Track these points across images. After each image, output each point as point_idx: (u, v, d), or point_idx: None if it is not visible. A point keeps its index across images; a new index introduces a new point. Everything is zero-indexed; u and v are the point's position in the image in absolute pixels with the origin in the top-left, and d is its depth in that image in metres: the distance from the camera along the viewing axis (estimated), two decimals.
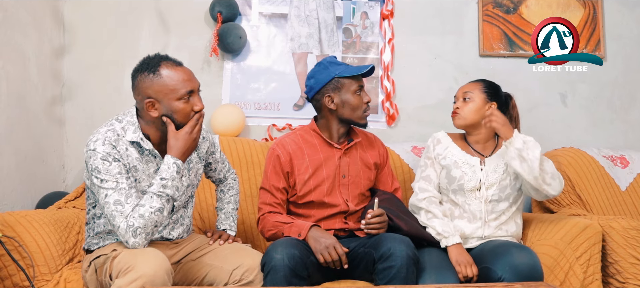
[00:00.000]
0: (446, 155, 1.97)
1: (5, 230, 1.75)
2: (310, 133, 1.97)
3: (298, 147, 1.93)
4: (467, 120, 1.95)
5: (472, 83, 2.00)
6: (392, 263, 1.59)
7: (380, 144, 2.09)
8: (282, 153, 1.91)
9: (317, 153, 1.92)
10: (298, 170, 1.90)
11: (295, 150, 1.92)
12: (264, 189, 1.93)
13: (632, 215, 2.41)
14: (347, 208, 1.90)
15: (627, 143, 2.85)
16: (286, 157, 1.90)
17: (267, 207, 1.90)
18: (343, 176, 1.92)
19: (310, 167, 1.90)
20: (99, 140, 1.55)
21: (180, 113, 1.59)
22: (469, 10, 2.89)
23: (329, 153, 1.93)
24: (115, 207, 1.50)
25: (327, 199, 1.89)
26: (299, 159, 1.91)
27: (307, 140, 1.95)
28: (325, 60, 1.95)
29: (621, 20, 2.92)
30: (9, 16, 2.25)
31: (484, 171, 1.91)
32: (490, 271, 1.69)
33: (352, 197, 1.92)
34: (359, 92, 1.90)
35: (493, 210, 1.90)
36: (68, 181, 2.68)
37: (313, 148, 1.93)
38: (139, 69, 1.60)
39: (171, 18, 2.77)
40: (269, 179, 1.91)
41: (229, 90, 2.78)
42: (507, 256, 1.68)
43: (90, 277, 1.63)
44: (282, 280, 1.56)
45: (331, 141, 1.94)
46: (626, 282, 1.92)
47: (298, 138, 1.96)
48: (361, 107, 1.91)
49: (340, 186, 1.92)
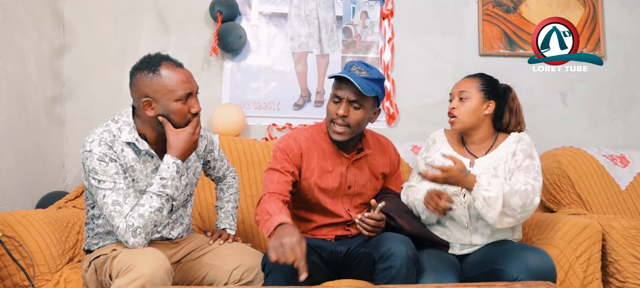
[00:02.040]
0: (435, 159, 1.89)
1: (6, 230, 1.75)
2: (321, 135, 1.88)
3: (308, 146, 1.84)
4: (465, 124, 1.84)
5: (469, 79, 1.89)
6: (392, 263, 1.58)
7: (392, 150, 2.00)
8: (295, 145, 1.82)
9: (325, 160, 1.84)
10: (307, 166, 1.83)
11: (307, 149, 1.83)
12: (271, 170, 1.78)
13: (632, 214, 2.41)
14: (349, 218, 1.88)
15: (627, 142, 2.85)
16: (298, 150, 1.81)
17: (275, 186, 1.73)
18: (348, 187, 1.87)
19: (317, 171, 1.84)
20: (95, 141, 1.55)
21: (177, 114, 1.58)
22: (469, 9, 2.89)
23: (336, 162, 1.85)
24: (113, 208, 1.50)
25: (330, 207, 1.86)
26: (309, 158, 1.83)
27: (317, 143, 1.86)
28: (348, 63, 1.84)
29: (621, 19, 2.92)
30: (8, 16, 2.25)
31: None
32: (504, 273, 1.63)
33: (354, 207, 1.90)
34: (335, 100, 1.77)
35: (480, 216, 1.75)
36: (68, 181, 2.68)
37: (322, 153, 1.85)
38: (138, 67, 1.60)
39: (171, 18, 2.77)
40: (279, 162, 1.78)
41: (229, 90, 2.78)
42: (521, 258, 1.62)
43: (90, 276, 1.63)
44: (283, 280, 1.56)
45: (340, 150, 1.85)
46: (626, 281, 1.92)
47: (309, 137, 1.86)
48: (332, 117, 1.77)
49: (344, 196, 1.88)
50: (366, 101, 1.76)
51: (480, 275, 1.72)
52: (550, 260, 1.64)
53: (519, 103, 1.91)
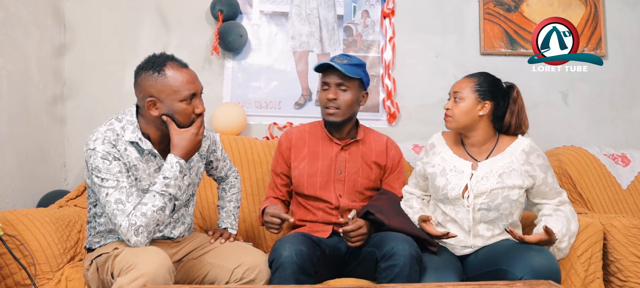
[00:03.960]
0: (435, 162, 1.88)
1: (7, 229, 1.75)
2: (317, 126, 2.05)
3: (301, 137, 2.02)
4: (458, 124, 1.82)
5: (465, 80, 1.86)
6: (394, 262, 1.59)
7: (392, 146, 2.06)
8: (285, 140, 2.03)
9: (317, 145, 1.99)
10: (294, 158, 1.98)
11: (298, 140, 2.01)
12: (271, 172, 2.08)
13: (633, 213, 2.41)
14: (339, 204, 1.90)
15: (628, 141, 2.85)
16: (287, 145, 2.02)
17: (269, 191, 2.06)
18: (339, 171, 1.94)
19: (307, 158, 1.96)
20: (99, 139, 1.55)
21: (182, 114, 1.58)
22: (470, 8, 2.89)
23: (327, 147, 1.98)
24: (116, 206, 1.50)
25: (320, 194, 1.91)
26: (298, 149, 1.99)
27: (313, 133, 2.03)
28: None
29: (622, 18, 2.92)
30: (10, 15, 2.25)
31: (473, 177, 1.79)
32: (508, 273, 1.62)
33: (346, 193, 1.92)
34: (325, 87, 1.94)
35: (482, 220, 1.78)
36: (69, 180, 2.68)
37: (314, 140, 2.00)
38: (143, 66, 1.59)
39: (172, 17, 2.77)
40: (275, 161, 2.06)
41: (230, 89, 2.78)
42: (526, 259, 1.62)
43: (91, 275, 1.63)
44: (290, 277, 1.56)
45: (333, 136, 1.98)
46: (627, 280, 1.92)
47: (305, 129, 2.06)
48: (324, 103, 1.95)
49: (335, 182, 1.93)
50: (352, 83, 1.93)
51: (483, 274, 1.72)
52: (554, 260, 1.63)
53: (522, 103, 1.87)
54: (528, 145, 1.81)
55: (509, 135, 1.87)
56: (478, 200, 1.76)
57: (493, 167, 1.79)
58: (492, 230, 1.79)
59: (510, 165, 1.78)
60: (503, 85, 1.88)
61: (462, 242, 1.81)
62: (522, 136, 1.86)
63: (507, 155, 1.81)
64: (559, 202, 1.84)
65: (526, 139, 1.84)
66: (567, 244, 1.78)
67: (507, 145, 1.83)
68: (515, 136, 1.86)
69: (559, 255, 1.78)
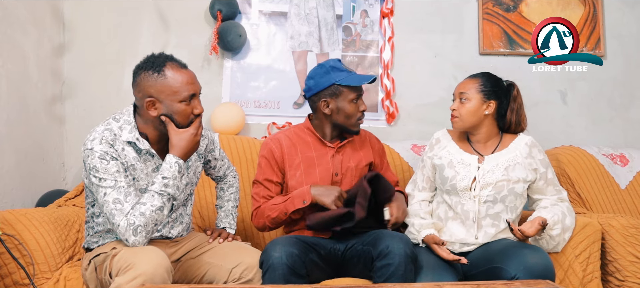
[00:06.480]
0: (442, 155, 1.92)
1: (5, 228, 1.76)
2: (304, 131, 1.99)
3: (291, 143, 1.95)
4: (465, 124, 1.88)
5: (469, 80, 1.92)
6: (389, 261, 1.59)
7: (374, 140, 2.08)
8: (276, 147, 1.93)
9: (310, 151, 1.93)
10: (289, 165, 1.92)
11: (289, 146, 1.94)
12: (257, 182, 1.94)
13: (631, 213, 2.41)
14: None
15: (627, 141, 2.85)
16: (279, 152, 1.92)
17: (262, 200, 1.91)
18: (335, 174, 1.93)
19: (302, 164, 1.91)
20: (96, 139, 1.55)
21: (181, 114, 1.58)
22: (469, 8, 2.89)
23: (321, 151, 1.94)
24: (114, 206, 1.50)
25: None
26: (292, 155, 1.92)
27: (301, 138, 1.97)
28: (328, 63, 1.93)
29: (621, 18, 2.92)
30: (8, 14, 2.25)
31: (480, 170, 1.84)
32: (503, 271, 1.65)
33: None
34: (356, 100, 1.90)
35: (488, 213, 1.82)
36: (68, 179, 2.68)
37: (306, 145, 1.95)
38: (142, 66, 1.59)
39: (171, 16, 2.77)
40: (264, 172, 1.92)
41: (229, 89, 2.78)
42: (520, 257, 1.65)
43: (90, 275, 1.63)
44: (281, 279, 1.56)
45: (324, 140, 1.95)
46: (625, 279, 1.92)
47: (292, 135, 1.98)
48: (356, 115, 1.91)
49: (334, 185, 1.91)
50: None
51: (479, 273, 1.73)
52: (548, 258, 1.66)
53: (521, 101, 1.94)
54: (530, 140, 1.90)
55: (510, 133, 1.94)
56: (484, 192, 1.81)
57: (499, 161, 1.86)
58: (497, 226, 1.83)
59: (514, 159, 1.85)
60: (504, 83, 1.94)
61: (463, 239, 1.84)
62: (523, 133, 1.93)
63: (511, 150, 1.88)
64: (558, 198, 1.88)
65: (528, 136, 1.92)
66: (560, 233, 1.80)
67: (510, 141, 1.91)
68: (517, 134, 1.93)
69: (551, 244, 1.81)
